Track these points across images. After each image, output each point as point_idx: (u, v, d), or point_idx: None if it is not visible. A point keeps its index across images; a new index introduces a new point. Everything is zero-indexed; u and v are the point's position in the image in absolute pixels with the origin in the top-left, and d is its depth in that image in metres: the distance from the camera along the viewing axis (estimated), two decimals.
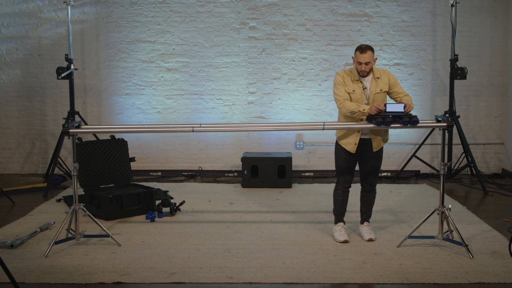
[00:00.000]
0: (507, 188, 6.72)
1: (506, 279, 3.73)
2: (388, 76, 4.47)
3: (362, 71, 4.37)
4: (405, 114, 4.21)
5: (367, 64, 4.34)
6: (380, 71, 4.49)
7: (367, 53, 4.31)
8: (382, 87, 4.43)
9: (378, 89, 4.41)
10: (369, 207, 4.78)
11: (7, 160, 7.76)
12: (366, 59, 4.32)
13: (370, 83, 4.43)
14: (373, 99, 4.41)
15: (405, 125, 4.22)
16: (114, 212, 5.27)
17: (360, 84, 4.42)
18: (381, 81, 4.44)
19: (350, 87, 4.42)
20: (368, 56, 4.31)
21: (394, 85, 4.46)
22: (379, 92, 4.41)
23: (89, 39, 7.56)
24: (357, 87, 4.41)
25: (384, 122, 4.19)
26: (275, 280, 3.73)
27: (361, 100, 4.40)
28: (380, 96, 4.43)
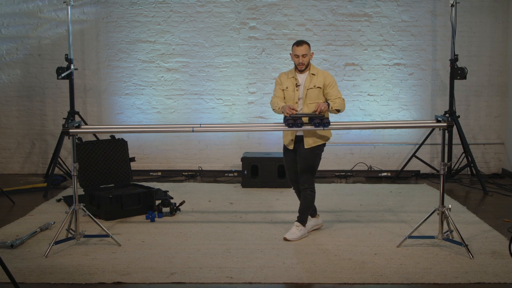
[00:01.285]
0: (507, 188, 6.72)
1: (506, 279, 3.73)
2: (324, 75, 4.58)
3: (300, 64, 4.51)
4: (316, 116, 4.29)
5: (304, 56, 4.49)
6: (317, 70, 4.63)
7: (303, 46, 4.49)
8: (316, 83, 4.53)
9: (312, 85, 4.52)
10: (301, 207, 4.71)
11: (7, 160, 7.76)
12: (303, 51, 4.47)
13: (305, 79, 4.55)
14: (306, 94, 4.52)
15: (316, 127, 4.30)
16: (114, 212, 5.27)
17: (294, 81, 4.56)
18: (316, 78, 4.55)
19: (285, 84, 4.59)
20: (304, 48, 4.48)
21: (328, 86, 4.54)
22: (312, 88, 4.52)
23: (89, 39, 7.56)
24: (291, 84, 4.57)
25: (295, 124, 4.27)
26: (275, 280, 3.73)
27: (294, 96, 4.54)
28: (314, 92, 4.53)
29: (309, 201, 4.67)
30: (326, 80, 4.53)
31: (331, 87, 4.53)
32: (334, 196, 6.30)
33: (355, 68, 7.54)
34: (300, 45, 4.49)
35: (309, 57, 4.54)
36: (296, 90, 4.54)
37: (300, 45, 4.49)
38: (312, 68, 4.60)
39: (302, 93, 4.54)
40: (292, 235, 4.61)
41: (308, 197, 4.66)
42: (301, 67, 4.52)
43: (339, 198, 6.17)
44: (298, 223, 4.67)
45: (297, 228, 4.65)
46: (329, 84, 4.53)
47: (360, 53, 7.52)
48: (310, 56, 4.55)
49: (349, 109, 7.57)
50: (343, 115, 7.51)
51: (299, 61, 4.50)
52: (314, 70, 4.60)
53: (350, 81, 7.56)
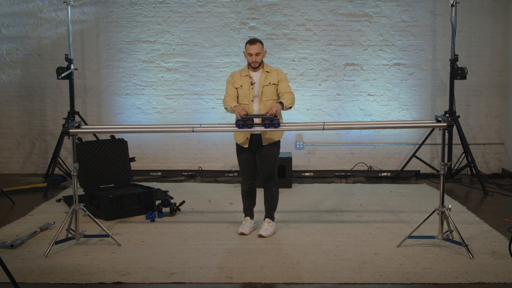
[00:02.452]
0: (507, 188, 6.72)
1: (506, 279, 3.73)
2: (278, 72, 4.68)
3: (254, 62, 4.59)
4: (267, 117, 4.32)
5: (257, 55, 4.57)
6: (270, 67, 4.72)
7: (256, 44, 4.57)
8: (271, 80, 4.62)
9: (267, 82, 4.61)
10: (268, 205, 4.84)
11: (7, 160, 7.76)
12: (256, 50, 4.55)
13: (260, 77, 4.63)
14: (261, 91, 4.60)
15: (266, 128, 4.33)
16: (114, 212, 5.27)
17: (249, 79, 4.63)
18: (270, 75, 4.64)
19: (238, 82, 4.66)
20: (257, 47, 4.56)
21: (280, 81, 4.64)
22: (268, 85, 4.60)
23: (89, 39, 7.56)
24: (245, 82, 4.64)
25: (245, 125, 4.30)
26: (275, 280, 3.73)
27: (249, 94, 4.61)
28: (269, 89, 4.61)
29: (275, 198, 4.85)
30: (279, 76, 4.65)
31: (282, 81, 4.65)
32: (334, 196, 6.30)
33: (355, 68, 7.54)
34: (253, 44, 4.56)
35: (262, 55, 4.63)
36: (251, 88, 4.62)
37: (253, 43, 4.57)
38: (265, 65, 4.69)
39: (257, 90, 4.63)
40: (266, 231, 4.71)
41: (275, 195, 4.83)
42: (255, 64, 4.61)
43: (339, 198, 6.17)
44: (269, 219, 4.80)
45: (269, 224, 4.77)
46: (281, 79, 4.65)
47: (360, 53, 7.52)
48: (264, 54, 4.64)
49: (349, 109, 7.58)
50: (343, 115, 7.55)
51: (253, 59, 4.58)
52: (267, 67, 4.70)
53: (350, 81, 7.56)
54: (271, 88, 4.62)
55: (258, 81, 4.64)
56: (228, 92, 4.69)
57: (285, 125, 4.51)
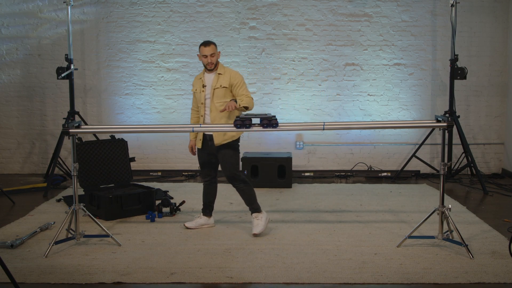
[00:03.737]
0: (507, 188, 6.72)
1: (506, 279, 3.73)
2: (231, 75, 4.67)
3: (209, 64, 4.63)
4: (265, 117, 4.33)
5: (212, 55, 4.61)
6: (225, 69, 4.71)
7: (210, 46, 4.61)
8: (223, 83, 4.63)
9: (218, 85, 4.62)
10: (244, 200, 4.89)
11: (7, 160, 7.76)
12: (210, 51, 4.60)
13: (212, 79, 4.66)
14: (213, 94, 4.62)
15: (265, 128, 4.33)
16: (114, 212, 5.27)
17: (201, 82, 4.69)
18: (222, 77, 4.65)
19: (195, 86, 4.78)
20: (211, 48, 4.61)
21: (236, 86, 4.64)
22: (219, 88, 4.62)
23: (89, 39, 7.56)
24: (199, 85, 4.72)
25: (243, 124, 4.31)
26: (275, 280, 3.73)
27: (201, 97, 4.67)
28: (221, 92, 4.63)
29: (248, 193, 4.84)
30: (232, 80, 4.64)
31: (239, 87, 4.64)
32: (334, 196, 6.30)
33: (355, 68, 7.54)
34: (207, 46, 4.61)
35: (217, 56, 4.66)
36: (202, 91, 4.67)
37: (207, 45, 4.61)
38: (219, 67, 4.69)
39: (208, 93, 4.66)
40: (258, 228, 4.71)
41: (245, 190, 4.84)
42: (211, 66, 4.63)
43: (339, 198, 6.17)
44: (255, 213, 4.79)
45: (257, 219, 4.76)
46: (236, 84, 4.63)
47: (360, 53, 7.52)
48: (218, 55, 4.67)
49: (349, 109, 7.58)
50: (343, 115, 7.55)
51: (208, 60, 4.62)
52: (221, 69, 4.69)
53: (350, 81, 7.56)
54: (222, 90, 4.62)
55: (210, 83, 4.66)
56: (192, 103, 4.89)
57: (285, 125, 4.51)
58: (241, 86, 4.65)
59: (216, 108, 4.62)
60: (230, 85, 4.64)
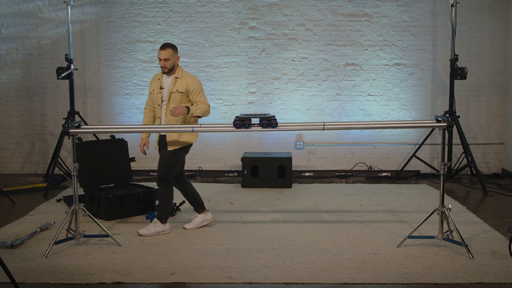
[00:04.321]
0: (507, 188, 6.72)
1: (506, 279, 3.73)
2: (188, 81, 4.63)
3: (163, 68, 4.61)
4: (265, 117, 4.34)
5: (166, 60, 4.58)
6: (184, 73, 4.68)
7: (166, 49, 4.57)
8: (179, 87, 4.61)
9: (175, 89, 4.61)
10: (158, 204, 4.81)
11: (7, 160, 7.76)
12: (164, 56, 4.57)
13: (169, 83, 4.64)
14: (169, 97, 4.61)
15: (264, 128, 4.33)
16: (114, 212, 5.27)
17: (159, 83, 4.66)
18: (179, 82, 4.62)
19: (152, 86, 4.74)
20: (167, 53, 4.56)
21: (192, 93, 4.63)
22: (175, 92, 4.61)
23: (89, 39, 7.56)
24: (156, 86, 4.69)
25: (243, 124, 4.32)
26: (275, 280, 3.73)
27: (157, 99, 4.65)
28: (177, 96, 4.61)
29: (163, 198, 4.74)
30: (189, 86, 4.61)
31: (196, 94, 4.62)
32: (334, 196, 6.30)
33: (355, 68, 7.54)
34: (163, 49, 4.56)
35: (173, 61, 4.61)
36: (159, 93, 4.64)
37: (163, 48, 4.57)
38: (177, 71, 4.66)
39: (165, 96, 4.64)
40: (145, 230, 4.70)
41: (163, 195, 4.75)
42: (164, 70, 4.63)
43: (339, 198, 6.17)
44: (157, 219, 4.76)
45: (154, 225, 4.74)
46: (193, 91, 4.62)
47: (360, 53, 7.52)
48: (176, 60, 4.63)
49: (349, 109, 7.58)
50: (343, 115, 7.55)
51: (161, 64, 4.60)
52: (178, 73, 4.66)
53: (350, 81, 7.56)
54: (178, 95, 4.61)
55: (168, 86, 4.64)
56: (147, 100, 4.85)
57: (285, 125, 4.51)
58: (198, 93, 4.63)
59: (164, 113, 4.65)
60: (186, 91, 4.62)
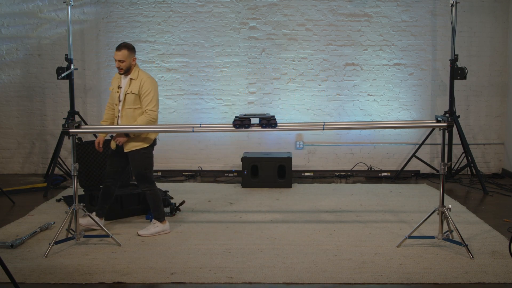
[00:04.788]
0: (507, 188, 6.72)
1: (506, 279, 3.73)
2: (142, 82, 4.63)
3: (119, 69, 4.61)
4: (264, 117, 4.35)
5: (121, 62, 4.56)
6: (140, 74, 4.65)
7: (121, 51, 4.54)
8: (133, 89, 4.61)
9: (129, 90, 4.61)
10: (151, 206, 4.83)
11: (7, 160, 7.76)
12: (119, 57, 4.55)
13: (125, 83, 4.64)
14: (124, 99, 4.62)
15: (263, 128, 4.35)
16: (114, 212, 5.27)
17: (118, 82, 4.67)
18: (134, 83, 4.62)
19: (112, 85, 4.73)
20: (121, 54, 4.54)
21: (142, 95, 4.64)
22: (130, 93, 4.61)
23: (89, 39, 7.56)
24: (115, 85, 4.69)
25: (242, 125, 4.33)
26: (275, 280, 3.73)
27: (115, 98, 4.65)
28: (131, 98, 4.62)
29: (152, 199, 4.78)
30: (141, 88, 4.61)
31: (145, 96, 4.63)
32: (334, 196, 6.30)
33: (355, 68, 7.54)
34: (118, 50, 4.54)
35: (129, 62, 4.58)
36: (117, 92, 4.65)
37: (118, 50, 4.54)
38: (133, 72, 4.64)
39: (122, 96, 4.65)
40: (145, 231, 4.73)
41: (150, 196, 4.79)
42: (120, 71, 4.61)
43: (339, 198, 6.17)
44: (155, 220, 4.78)
45: (153, 225, 4.77)
46: (144, 93, 4.63)
47: (360, 53, 7.52)
48: (132, 61, 4.60)
49: (349, 109, 7.58)
50: (343, 115, 7.54)
51: (116, 65, 4.59)
52: (134, 74, 4.64)
53: (350, 81, 7.56)
54: (132, 96, 4.62)
55: (124, 86, 4.65)
56: (109, 99, 4.83)
57: (285, 125, 4.51)
58: (147, 95, 4.61)
59: (126, 113, 4.64)
60: (139, 93, 4.62)
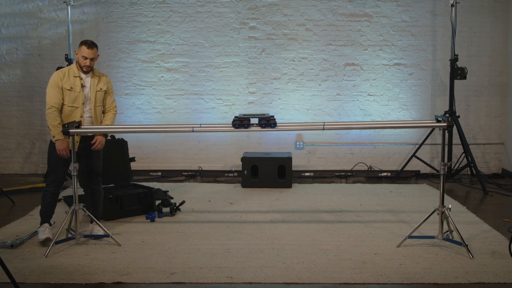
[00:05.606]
0: (507, 188, 6.72)
1: (506, 279, 3.73)
2: (107, 80, 4.68)
3: (86, 66, 4.50)
4: (264, 117, 4.34)
5: (92, 60, 4.50)
6: (99, 72, 4.67)
7: (93, 49, 4.50)
8: (102, 86, 4.62)
9: (98, 87, 4.59)
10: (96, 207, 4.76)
11: (7, 160, 7.76)
12: (92, 55, 4.49)
13: (91, 81, 4.58)
14: (95, 96, 4.58)
15: (263, 128, 4.33)
16: (114, 212, 5.27)
17: (79, 81, 4.54)
18: (100, 81, 4.62)
19: (69, 84, 4.48)
20: (94, 52, 4.50)
21: (108, 93, 4.67)
22: (100, 91, 4.60)
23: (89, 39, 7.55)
24: (77, 84, 4.53)
25: (241, 125, 4.32)
26: (275, 280, 3.73)
27: (80, 97, 4.52)
28: (100, 95, 4.62)
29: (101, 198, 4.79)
30: (108, 85, 4.66)
31: (110, 94, 4.68)
32: (334, 196, 6.30)
33: (355, 68, 7.54)
34: (90, 48, 4.47)
35: (96, 60, 4.58)
36: (82, 91, 4.54)
37: (91, 47, 4.48)
38: (95, 70, 4.63)
39: (89, 94, 4.57)
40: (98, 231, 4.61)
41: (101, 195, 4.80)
42: (87, 69, 4.53)
43: (339, 198, 6.17)
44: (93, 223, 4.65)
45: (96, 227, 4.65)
46: (110, 91, 4.68)
47: (360, 53, 7.52)
48: (96, 59, 4.59)
49: (349, 109, 7.58)
50: (343, 115, 7.54)
51: (86, 63, 4.48)
52: (97, 72, 4.65)
53: (350, 81, 7.56)
54: (101, 94, 4.62)
55: (90, 85, 4.57)
56: (53, 100, 4.42)
57: (284, 125, 4.51)
58: (112, 93, 4.72)
59: (96, 112, 4.59)
60: (107, 90, 4.65)
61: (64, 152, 4.41)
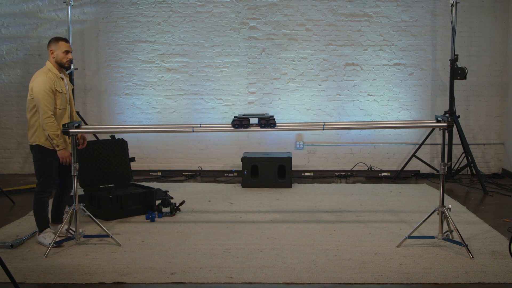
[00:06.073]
0: (507, 188, 6.72)
1: (506, 279, 3.73)
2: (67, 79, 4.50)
3: (70, 61, 4.36)
4: (263, 117, 4.32)
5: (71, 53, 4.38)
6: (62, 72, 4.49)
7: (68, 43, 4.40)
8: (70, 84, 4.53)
9: (70, 86, 4.49)
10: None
11: (7, 160, 7.76)
12: (71, 48, 4.40)
13: (66, 81, 4.47)
14: (70, 95, 4.48)
15: (262, 128, 4.32)
16: (114, 212, 5.27)
17: (62, 82, 4.39)
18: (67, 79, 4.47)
19: (59, 86, 4.32)
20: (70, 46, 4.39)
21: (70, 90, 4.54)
22: (72, 88, 4.53)
23: (89, 39, 7.56)
24: (63, 85, 4.37)
25: (241, 125, 4.30)
26: (275, 280, 3.73)
27: (68, 99, 4.42)
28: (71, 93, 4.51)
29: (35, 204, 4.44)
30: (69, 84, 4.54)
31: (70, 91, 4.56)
32: (334, 196, 6.30)
33: (355, 68, 7.54)
34: (68, 42, 4.38)
35: None
36: (66, 93, 4.41)
37: (68, 41, 4.38)
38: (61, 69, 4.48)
39: (70, 94, 4.47)
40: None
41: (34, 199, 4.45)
42: (68, 63, 4.36)
43: (339, 198, 6.17)
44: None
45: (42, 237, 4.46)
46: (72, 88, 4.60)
47: (360, 53, 7.52)
48: None
49: (349, 109, 7.58)
50: (343, 115, 7.54)
51: (70, 56, 4.33)
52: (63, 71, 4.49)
53: (350, 81, 7.56)
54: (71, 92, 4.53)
55: (67, 85, 4.46)
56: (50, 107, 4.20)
57: (284, 125, 4.51)
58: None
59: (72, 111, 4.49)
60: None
61: (68, 159, 4.30)
